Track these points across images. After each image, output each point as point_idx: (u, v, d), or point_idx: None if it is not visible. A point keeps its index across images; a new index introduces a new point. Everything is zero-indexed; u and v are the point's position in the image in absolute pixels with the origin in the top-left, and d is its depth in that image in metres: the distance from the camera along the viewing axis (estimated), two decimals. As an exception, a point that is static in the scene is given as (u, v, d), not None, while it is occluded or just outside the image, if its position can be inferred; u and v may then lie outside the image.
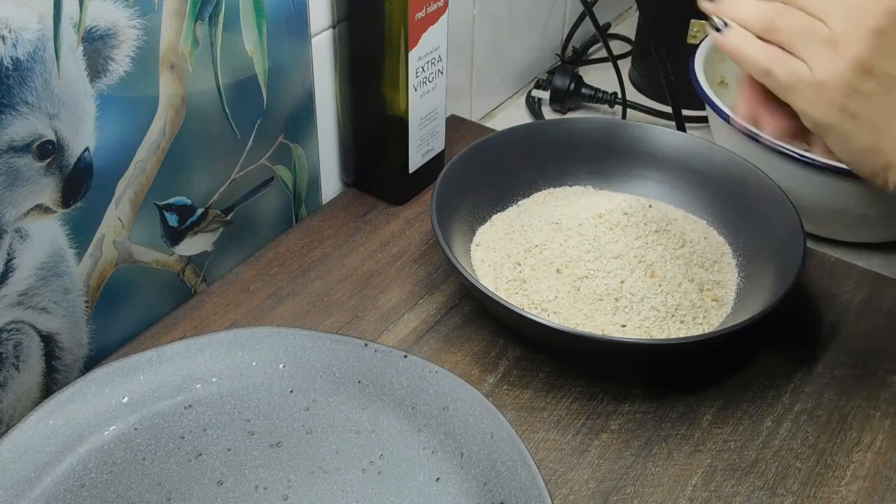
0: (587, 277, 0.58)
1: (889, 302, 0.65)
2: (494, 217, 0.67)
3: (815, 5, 0.46)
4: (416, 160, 0.72)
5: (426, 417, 0.52)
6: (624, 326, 0.57)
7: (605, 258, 0.59)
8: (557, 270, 0.59)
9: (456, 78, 0.82)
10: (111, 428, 0.51)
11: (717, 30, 0.49)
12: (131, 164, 0.56)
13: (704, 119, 0.84)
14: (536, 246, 0.61)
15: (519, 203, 0.68)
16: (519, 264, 0.61)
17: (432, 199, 0.62)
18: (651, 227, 0.61)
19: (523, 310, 0.55)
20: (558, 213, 0.63)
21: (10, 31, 0.46)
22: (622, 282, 0.58)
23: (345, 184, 0.77)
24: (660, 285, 0.58)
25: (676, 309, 0.58)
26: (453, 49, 0.77)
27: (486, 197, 0.67)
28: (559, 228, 0.62)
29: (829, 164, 0.64)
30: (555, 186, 0.70)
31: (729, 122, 0.68)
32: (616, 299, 0.57)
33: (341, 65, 0.69)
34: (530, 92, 0.93)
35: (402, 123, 0.70)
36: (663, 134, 0.70)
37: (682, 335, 0.57)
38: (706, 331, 0.58)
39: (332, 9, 0.67)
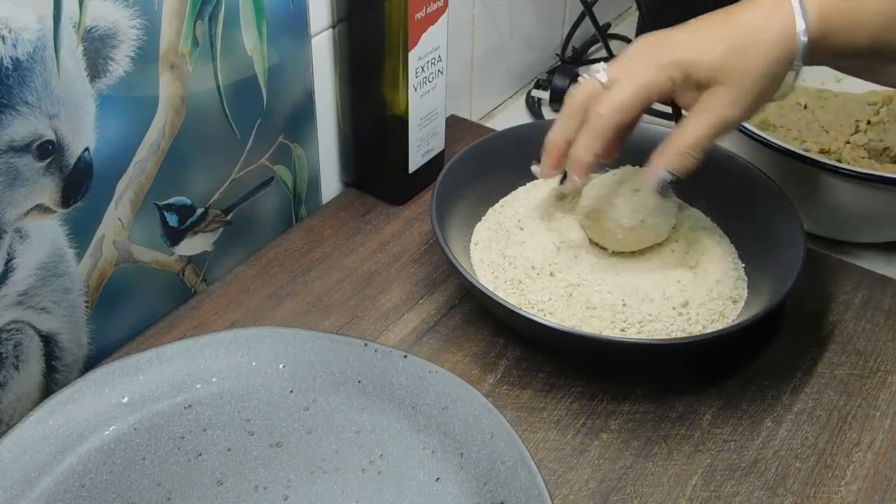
0: (579, 286, 0.58)
1: (889, 302, 0.65)
2: (489, 212, 0.67)
3: None
4: (416, 160, 0.72)
5: (426, 417, 0.52)
6: (623, 331, 0.56)
7: (599, 270, 0.59)
8: (551, 274, 0.59)
9: (456, 78, 0.82)
10: (111, 428, 0.51)
11: None
12: (131, 164, 0.56)
13: (704, 119, 0.83)
14: (524, 242, 0.61)
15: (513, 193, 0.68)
16: (511, 264, 0.61)
17: (432, 199, 0.62)
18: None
19: (522, 309, 0.55)
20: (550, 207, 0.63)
21: (10, 31, 0.46)
22: (622, 300, 0.57)
23: (345, 184, 0.77)
24: (662, 287, 0.58)
25: (675, 309, 0.57)
26: (453, 49, 0.77)
27: (485, 197, 0.67)
28: (548, 227, 0.62)
29: (829, 164, 0.64)
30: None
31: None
32: (613, 311, 0.57)
33: (341, 65, 0.69)
34: (530, 92, 0.93)
35: (402, 123, 0.70)
36: (663, 134, 0.69)
37: (682, 335, 0.57)
38: (706, 331, 0.58)
39: (332, 9, 0.67)
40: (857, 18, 0.51)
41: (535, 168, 0.60)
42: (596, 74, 0.55)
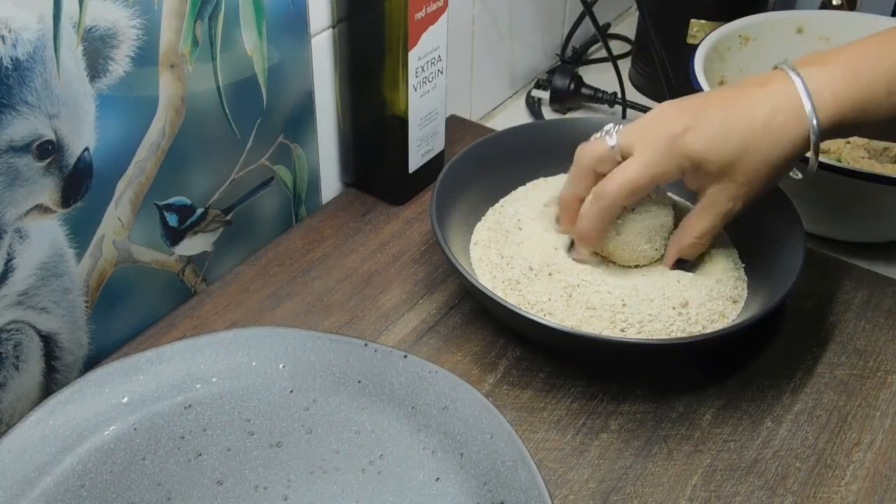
0: (579, 286, 0.58)
1: (889, 302, 0.65)
2: (489, 211, 0.67)
3: None
4: (416, 160, 0.72)
5: (426, 417, 0.52)
6: (623, 331, 0.56)
7: (599, 270, 0.59)
8: (549, 274, 0.59)
9: (456, 78, 0.82)
10: (111, 428, 0.51)
11: None
12: (131, 164, 0.56)
13: (704, 119, 0.83)
14: (522, 243, 0.61)
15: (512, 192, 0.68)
16: (509, 264, 0.60)
17: (432, 199, 0.62)
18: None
19: (522, 309, 0.55)
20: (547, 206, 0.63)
21: (10, 31, 0.46)
22: (622, 300, 0.57)
23: (345, 184, 0.77)
24: (661, 287, 0.58)
25: (675, 309, 0.57)
26: (453, 49, 0.77)
27: (485, 197, 0.67)
28: (547, 228, 0.62)
29: (830, 164, 0.64)
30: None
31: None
32: (613, 311, 0.57)
33: (341, 65, 0.69)
34: (530, 92, 0.93)
35: (402, 123, 0.70)
36: None
37: (682, 335, 0.57)
38: (706, 331, 0.58)
39: (332, 9, 0.67)
40: (873, 99, 0.51)
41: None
42: (607, 137, 0.56)
